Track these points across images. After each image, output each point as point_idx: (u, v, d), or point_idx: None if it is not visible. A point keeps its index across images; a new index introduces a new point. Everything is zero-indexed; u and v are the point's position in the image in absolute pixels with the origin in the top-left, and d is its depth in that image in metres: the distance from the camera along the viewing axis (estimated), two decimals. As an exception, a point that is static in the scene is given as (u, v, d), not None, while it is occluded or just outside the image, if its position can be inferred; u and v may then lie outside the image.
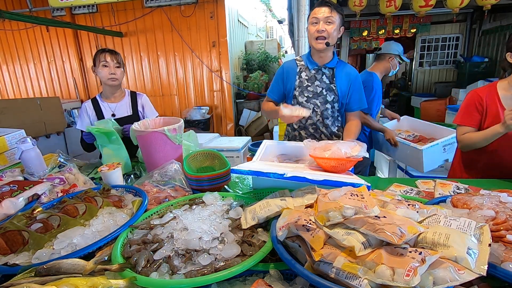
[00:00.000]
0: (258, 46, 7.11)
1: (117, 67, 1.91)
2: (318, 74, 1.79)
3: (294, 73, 1.83)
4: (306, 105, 1.81)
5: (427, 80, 7.23)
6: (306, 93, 1.81)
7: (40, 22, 4.39)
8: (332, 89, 1.79)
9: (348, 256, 0.64)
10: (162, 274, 0.73)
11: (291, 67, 1.85)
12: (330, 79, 1.80)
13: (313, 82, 1.79)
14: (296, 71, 1.82)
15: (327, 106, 1.81)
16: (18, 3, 5.96)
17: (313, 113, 1.82)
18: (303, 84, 1.80)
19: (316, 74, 1.79)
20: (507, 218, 0.78)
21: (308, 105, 1.81)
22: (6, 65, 6.46)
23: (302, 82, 1.81)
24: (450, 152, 2.50)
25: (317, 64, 1.78)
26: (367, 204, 0.71)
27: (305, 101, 1.82)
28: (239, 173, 1.04)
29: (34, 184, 1.24)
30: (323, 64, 1.78)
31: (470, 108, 1.57)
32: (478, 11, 5.89)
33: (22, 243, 0.89)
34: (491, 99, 1.52)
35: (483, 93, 1.55)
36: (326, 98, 1.80)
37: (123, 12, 5.75)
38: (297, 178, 0.96)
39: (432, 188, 1.33)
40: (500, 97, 1.51)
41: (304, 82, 1.80)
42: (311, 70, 1.79)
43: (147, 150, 1.51)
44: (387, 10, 4.15)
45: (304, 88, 1.81)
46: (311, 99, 1.81)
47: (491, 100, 1.52)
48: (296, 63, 1.85)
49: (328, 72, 1.80)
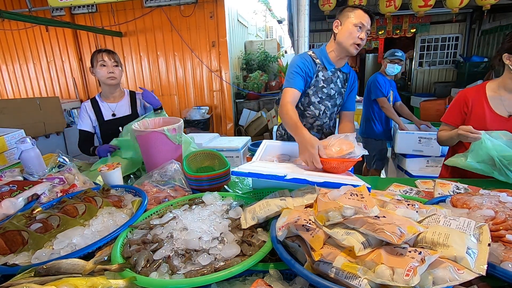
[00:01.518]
0: (258, 46, 7.11)
1: (115, 66, 1.90)
2: (334, 76, 1.72)
3: (313, 70, 1.69)
4: (317, 106, 1.76)
5: (427, 80, 7.24)
6: (320, 94, 1.73)
7: (40, 22, 4.39)
8: (341, 93, 1.78)
9: (348, 256, 0.64)
10: (162, 274, 0.73)
11: (310, 63, 1.68)
12: (343, 84, 1.77)
13: (328, 84, 1.72)
14: (315, 69, 1.69)
15: (335, 109, 1.81)
16: (17, 3, 5.95)
17: (323, 115, 1.79)
18: (319, 84, 1.71)
19: (332, 76, 1.72)
20: (506, 218, 0.78)
21: (320, 106, 1.76)
22: (6, 65, 6.45)
23: (318, 82, 1.70)
24: (427, 146, 3.06)
25: (335, 66, 1.71)
26: (366, 204, 0.72)
27: (317, 101, 1.74)
28: (239, 175, 1.03)
29: (33, 184, 1.24)
30: (339, 67, 1.73)
31: (454, 107, 1.61)
32: (478, 11, 5.89)
33: (21, 243, 0.89)
34: (478, 100, 1.52)
35: (470, 93, 1.55)
36: (336, 102, 1.78)
37: (122, 12, 5.75)
38: (298, 180, 0.96)
39: (431, 188, 1.33)
40: (488, 98, 1.51)
41: (320, 83, 1.71)
42: (328, 71, 1.70)
43: (146, 150, 1.51)
44: (386, 10, 4.15)
45: (319, 89, 1.72)
46: (323, 100, 1.74)
47: (477, 100, 1.52)
48: (314, 60, 1.69)
49: (342, 76, 1.75)
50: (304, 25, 3.14)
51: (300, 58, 1.68)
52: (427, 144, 3.07)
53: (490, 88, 1.52)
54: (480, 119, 1.49)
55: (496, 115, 1.48)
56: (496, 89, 1.50)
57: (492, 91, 1.50)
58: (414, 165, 3.20)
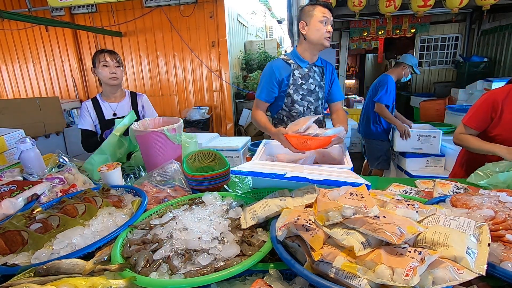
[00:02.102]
0: (258, 46, 7.12)
1: (117, 66, 1.92)
2: (311, 72, 1.82)
3: (287, 72, 1.79)
4: (301, 103, 1.84)
5: (427, 80, 7.23)
6: (301, 91, 1.82)
7: (40, 22, 4.39)
8: (322, 86, 1.87)
9: (348, 256, 0.64)
10: (162, 274, 0.72)
11: (281, 66, 1.80)
12: (321, 77, 1.86)
13: (307, 80, 1.81)
14: (290, 69, 1.79)
15: (318, 102, 1.89)
16: (17, 3, 5.95)
17: (308, 110, 1.87)
18: (297, 82, 1.80)
19: (309, 72, 1.82)
20: (506, 218, 0.78)
21: (303, 103, 1.84)
22: (5, 65, 6.45)
23: (296, 80, 1.80)
24: (426, 144, 3.10)
25: (308, 62, 1.81)
26: (366, 204, 0.72)
27: (300, 99, 1.83)
28: (239, 174, 1.04)
29: (33, 184, 1.24)
30: (313, 62, 1.83)
31: (481, 110, 1.45)
32: (478, 11, 5.89)
33: (21, 243, 0.89)
34: (509, 103, 1.35)
35: (500, 95, 1.38)
36: (318, 95, 1.87)
37: (122, 12, 5.75)
38: (297, 178, 0.96)
39: (431, 188, 1.33)
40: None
41: (298, 80, 1.80)
42: (303, 68, 1.80)
43: (146, 150, 1.51)
44: (386, 10, 4.15)
45: (298, 86, 1.81)
46: (305, 96, 1.83)
47: (509, 104, 1.36)
48: (286, 61, 1.80)
49: (318, 70, 1.85)
50: (304, 25, 3.13)
51: (269, 68, 1.81)
52: (426, 141, 3.09)
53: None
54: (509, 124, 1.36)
55: None
56: None
57: None
58: (414, 165, 3.20)
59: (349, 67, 10.67)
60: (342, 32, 7.00)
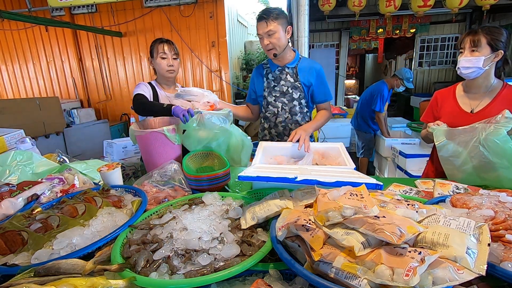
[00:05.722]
0: (258, 46, 7.12)
1: (174, 58, 1.89)
2: (282, 74, 1.90)
3: (262, 76, 1.97)
4: (274, 104, 1.93)
5: (427, 80, 7.24)
6: (274, 93, 1.92)
7: (39, 22, 4.38)
8: (297, 87, 1.90)
9: (348, 256, 0.64)
10: (162, 274, 0.72)
11: (259, 71, 1.99)
12: (294, 78, 1.89)
13: (278, 82, 1.91)
14: (263, 74, 1.96)
15: (294, 103, 1.92)
16: (17, 3, 5.94)
17: (282, 111, 1.93)
18: (271, 85, 1.93)
19: (280, 74, 1.91)
20: (506, 218, 0.78)
21: (276, 104, 1.93)
22: (5, 65, 6.44)
23: (269, 83, 1.94)
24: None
25: (278, 66, 1.90)
26: (366, 204, 0.72)
27: (273, 100, 1.93)
28: (248, 179, 0.99)
29: (33, 184, 1.24)
30: (285, 65, 1.89)
31: (429, 107, 1.78)
32: (477, 11, 5.89)
33: (21, 243, 0.89)
34: (447, 98, 1.68)
35: (441, 93, 1.72)
36: (293, 96, 1.91)
37: (122, 12, 5.74)
38: (309, 181, 0.92)
39: (431, 188, 1.33)
40: (456, 96, 1.65)
41: (271, 83, 1.93)
42: (275, 71, 1.91)
43: (146, 150, 1.51)
44: (386, 10, 4.16)
45: (271, 89, 1.93)
46: (278, 98, 1.92)
47: (447, 99, 1.68)
48: (263, 66, 1.98)
49: (291, 71, 1.89)
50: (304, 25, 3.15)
51: (252, 73, 2.05)
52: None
53: (459, 88, 1.66)
54: (450, 115, 1.62)
55: (462, 111, 1.59)
56: (462, 90, 1.65)
57: (461, 91, 1.65)
58: (413, 165, 3.20)
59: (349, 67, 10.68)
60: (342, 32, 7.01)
